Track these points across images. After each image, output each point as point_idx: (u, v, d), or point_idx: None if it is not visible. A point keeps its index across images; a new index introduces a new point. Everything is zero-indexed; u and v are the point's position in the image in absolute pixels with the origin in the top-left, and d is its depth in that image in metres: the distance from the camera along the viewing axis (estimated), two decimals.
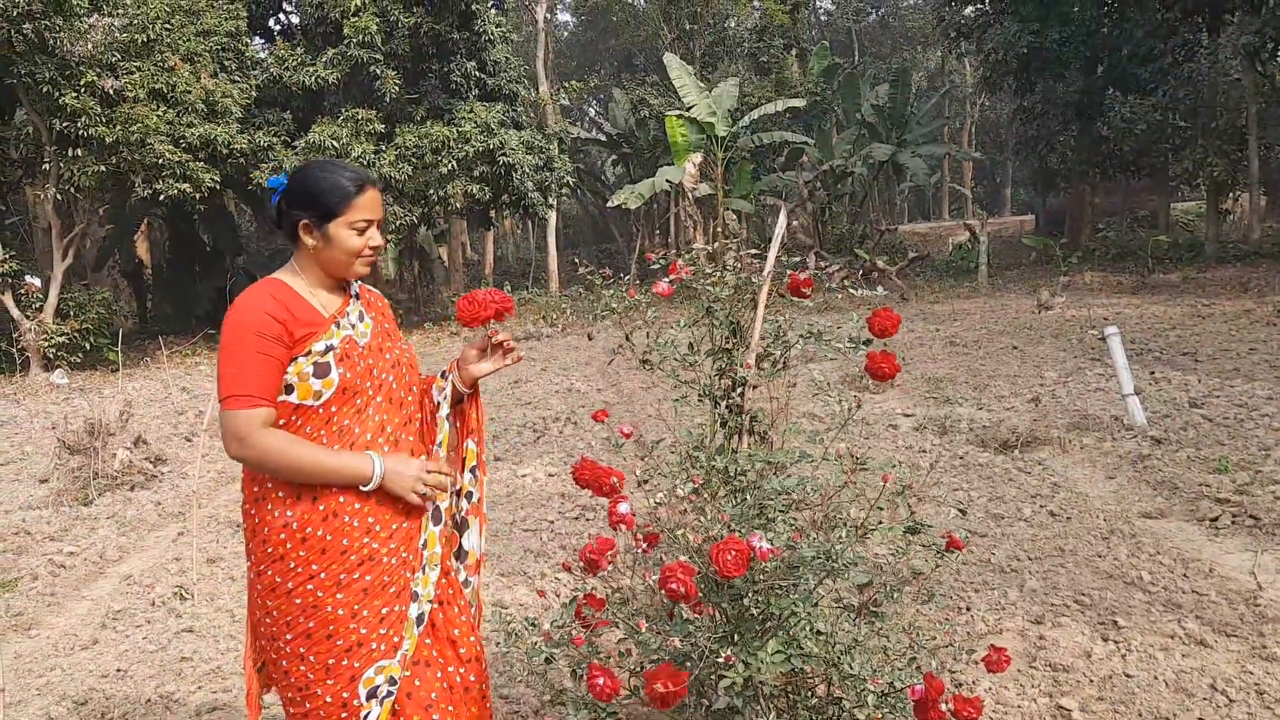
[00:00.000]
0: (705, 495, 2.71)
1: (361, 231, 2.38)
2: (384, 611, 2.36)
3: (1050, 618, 4.21)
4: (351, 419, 2.35)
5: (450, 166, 19.11)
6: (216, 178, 16.31)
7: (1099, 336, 8.28)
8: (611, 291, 2.99)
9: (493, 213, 25.30)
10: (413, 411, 2.55)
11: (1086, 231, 28.38)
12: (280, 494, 2.31)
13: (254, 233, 32.87)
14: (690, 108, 23.43)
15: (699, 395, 3.03)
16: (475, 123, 19.58)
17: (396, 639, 2.38)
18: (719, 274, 3.02)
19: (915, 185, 44.23)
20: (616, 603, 2.76)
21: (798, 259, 3.05)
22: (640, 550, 2.58)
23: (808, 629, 2.62)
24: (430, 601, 2.47)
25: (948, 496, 6.02)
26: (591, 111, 45.50)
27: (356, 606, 2.32)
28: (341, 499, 2.31)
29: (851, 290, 3.87)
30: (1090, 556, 4.93)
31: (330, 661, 2.31)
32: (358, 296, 2.49)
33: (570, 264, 28.56)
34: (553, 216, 27.89)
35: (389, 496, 2.37)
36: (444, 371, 2.67)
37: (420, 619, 2.43)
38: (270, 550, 2.31)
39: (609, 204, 27.66)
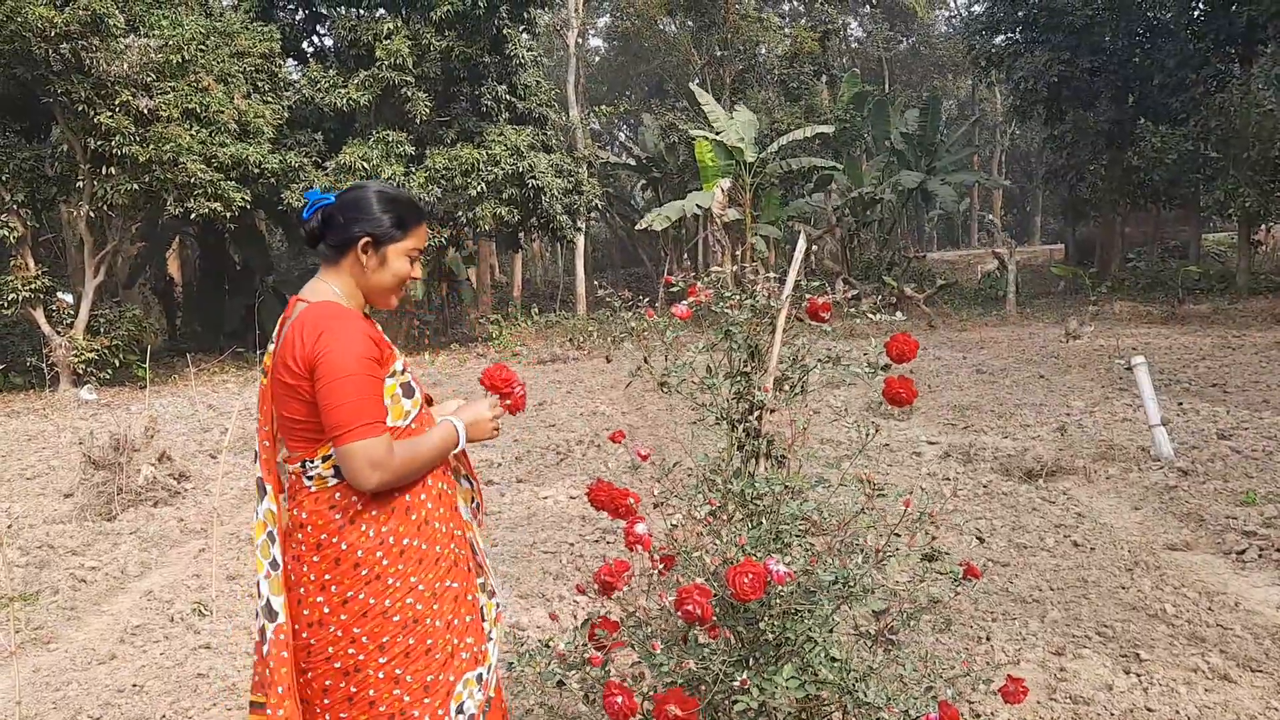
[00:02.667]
0: (722, 518, 2.71)
1: (414, 261, 2.39)
2: (468, 619, 2.39)
3: (1071, 649, 4.16)
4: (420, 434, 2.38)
5: (479, 189, 19.24)
6: (247, 197, 16.50)
7: (1126, 366, 8.21)
8: (630, 313, 3.00)
9: (521, 235, 25.43)
10: None
11: (1116, 261, 28.17)
12: (373, 512, 2.25)
13: (284, 252, 33.16)
14: (719, 133, 23.51)
15: (716, 418, 3.03)
16: (505, 146, 19.72)
17: (478, 646, 2.40)
18: (738, 298, 3.02)
19: (944, 213, 44.12)
20: (631, 625, 2.75)
21: (819, 283, 3.04)
22: (656, 572, 2.58)
23: (823, 655, 2.60)
24: (494, 604, 2.56)
25: (969, 524, 5.97)
26: (621, 136, 45.73)
27: (450, 616, 2.32)
28: (429, 505, 2.32)
29: (870, 315, 3.78)
30: (1113, 588, 4.87)
31: (429, 678, 2.27)
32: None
33: (598, 288, 28.67)
34: (581, 240, 27.95)
35: (453, 499, 2.42)
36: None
37: (493, 638, 2.49)
38: (365, 572, 2.22)
39: (637, 227, 27.77)
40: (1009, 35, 27.99)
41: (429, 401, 2.50)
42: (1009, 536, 5.79)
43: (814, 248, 25.98)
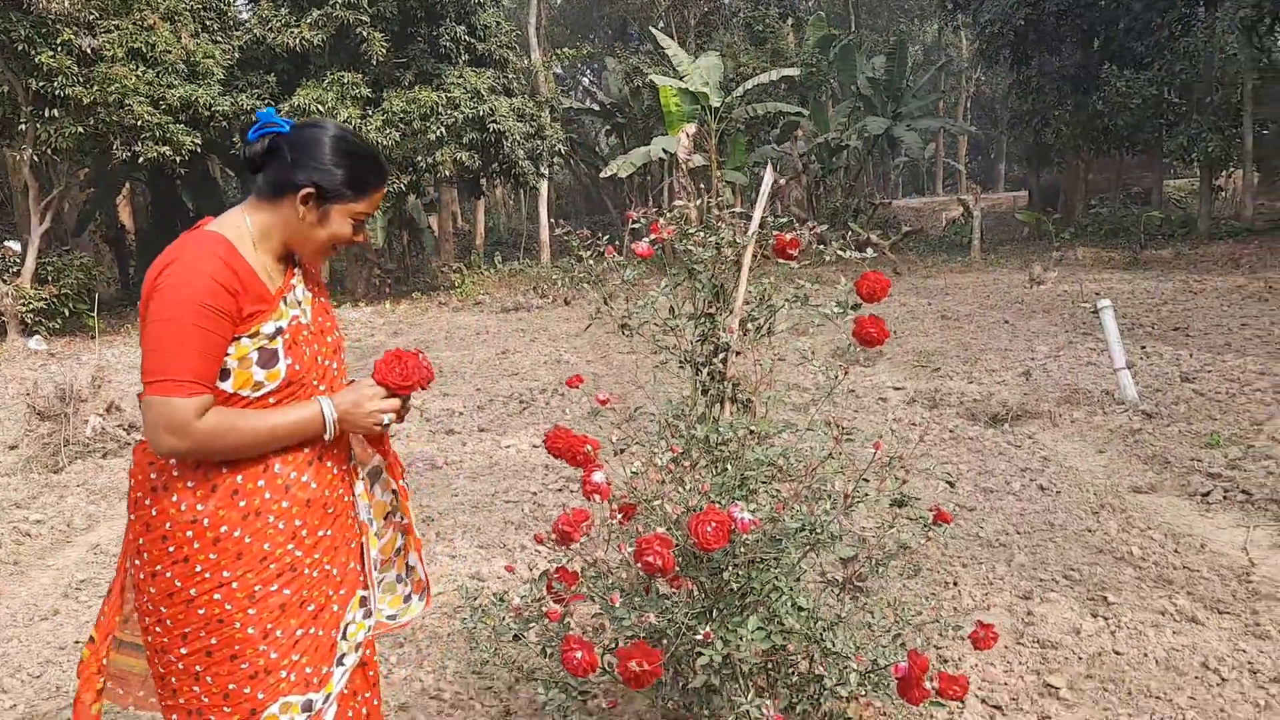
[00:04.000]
0: (684, 465, 2.59)
1: (357, 226, 2.10)
2: (299, 634, 2.01)
3: (1039, 593, 4.12)
4: None
5: (439, 133, 18.85)
6: (197, 141, 16.03)
7: (1092, 310, 8.17)
8: (589, 252, 2.86)
9: (483, 181, 25.04)
10: None
11: (1079, 207, 28.22)
12: (189, 483, 1.94)
13: (239, 199, 32.49)
14: (684, 77, 23.17)
15: (679, 361, 2.90)
16: (465, 89, 19.30)
17: (309, 670, 2.02)
18: (702, 235, 2.88)
19: (909, 160, 44.04)
20: (591, 577, 2.64)
21: (786, 220, 2.90)
22: (616, 522, 2.46)
23: (789, 604, 2.51)
24: (359, 648, 2.15)
25: (936, 469, 5.91)
26: (585, 81, 45.05)
27: (270, 626, 1.96)
28: (267, 495, 1.97)
29: (840, 252, 3.62)
30: (1080, 531, 4.84)
31: (231, 687, 1.95)
32: (299, 265, 2.14)
33: (559, 230, 28.39)
34: (544, 186, 27.59)
35: (319, 497, 2.05)
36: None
37: (344, 664, 2.11)
38: (172, 550, 1.93)
39: (602, 175, 27.44)
40: None
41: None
42: (975, 481, 5.75)
43: (780, 195, 25.79)
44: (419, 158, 19.23)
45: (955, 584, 4.29)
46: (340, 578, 2.12)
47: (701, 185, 23.69)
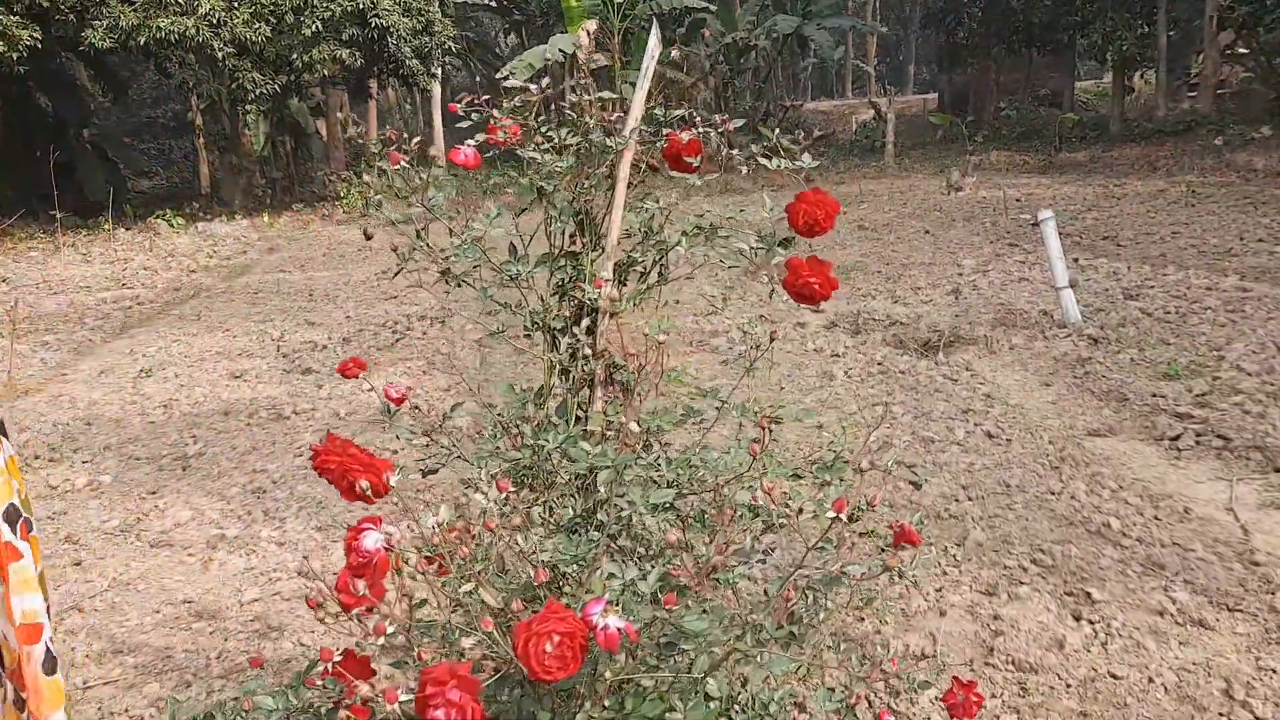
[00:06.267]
0: (522, 504, 1.65)
1: None
2: None
3: (1005, 586, 3.31)
4: None
5: (315, 28, 17.19)
6: (37, 35, 14.25)
7: (1032, 223, 7.38)
8: (382, 151, 1.86)
9: (371, 83, 23.34)
10: None
11: (990, 110, 27.62)
12: None
13: (108, 103, 30.00)
14: None
15: (526, 328, 1.94)
16: None
17: None
18: (557, 134, 1.90)
19: (819, 62, 42.90)
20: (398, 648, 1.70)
21: (683, 113, 1.93)
22: (405, 603, 1.52)
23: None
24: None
25: (892, 463, 5.07)
26: None
27: None
28: None
29: (763, 159, 2.78)
30: (1042, 494, 4.05)
31: None
32: None
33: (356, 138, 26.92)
34: (437, 88, 25.93)
35: None
36: None
37: None
38: None
39: (498, 76, 25.81)
40: None
41: None
42: (912, 427, 4.93)
43: (685, 98, 24.57)
44: (294, 56, 17.57)
45: (899, 576, 3.45)
46: None
47: (604, 88, 22.35)
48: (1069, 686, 2.76)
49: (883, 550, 2.20)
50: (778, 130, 1.95)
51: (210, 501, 4.58)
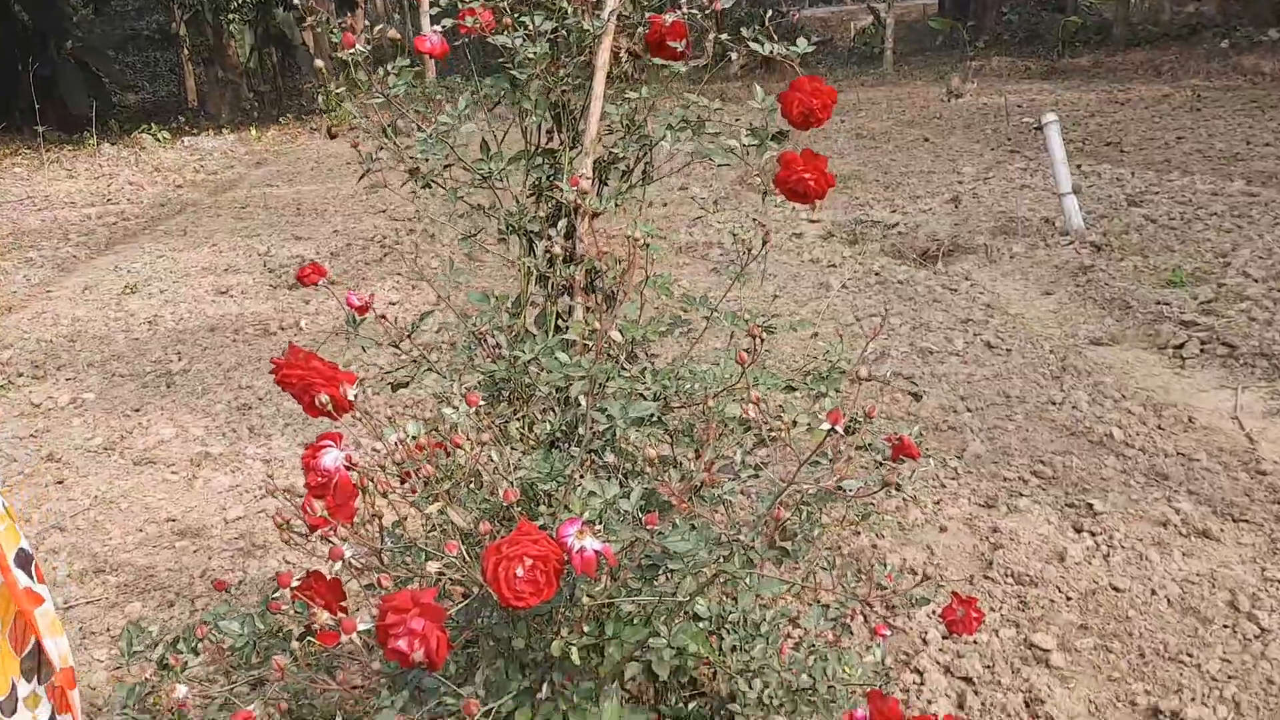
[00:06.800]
0: (498, 419, 1.54)
1: None
2: None
3: (1005, 499, 3.24)
4: None
5: None
6: None
7: (1035, 126, 7.18)
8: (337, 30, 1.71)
9: None
10: None
11: (992, 14, 26.95)
12: None
13: (90, 14, 29.23)
14: None
15: (500, 231, 1.81)
16: None
17: None
18: (530, 18, 1.75)
19: None
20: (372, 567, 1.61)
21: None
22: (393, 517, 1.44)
23: (685, 635, 1.52)
24: None
25: (890, 374, 4.96)
26: None
27: None
28: None
29: (755, 43, 2.49)
30: (1043, 404, 3.96)
31: None
32: None
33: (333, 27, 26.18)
34: None
35: None
36: None
37: None
38: None
39: None
40: None
41: None
42: (910, 338, 4.82)
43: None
44: None
45: (897, 488, 3.38)
46: None
47: None
48: (1070, 599, 2.70)
49: (880, 464, 2.12)
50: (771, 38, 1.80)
51: (195, 418, 4.49)
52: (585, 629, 1.30)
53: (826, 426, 1.30)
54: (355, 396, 1.42)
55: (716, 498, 1.38)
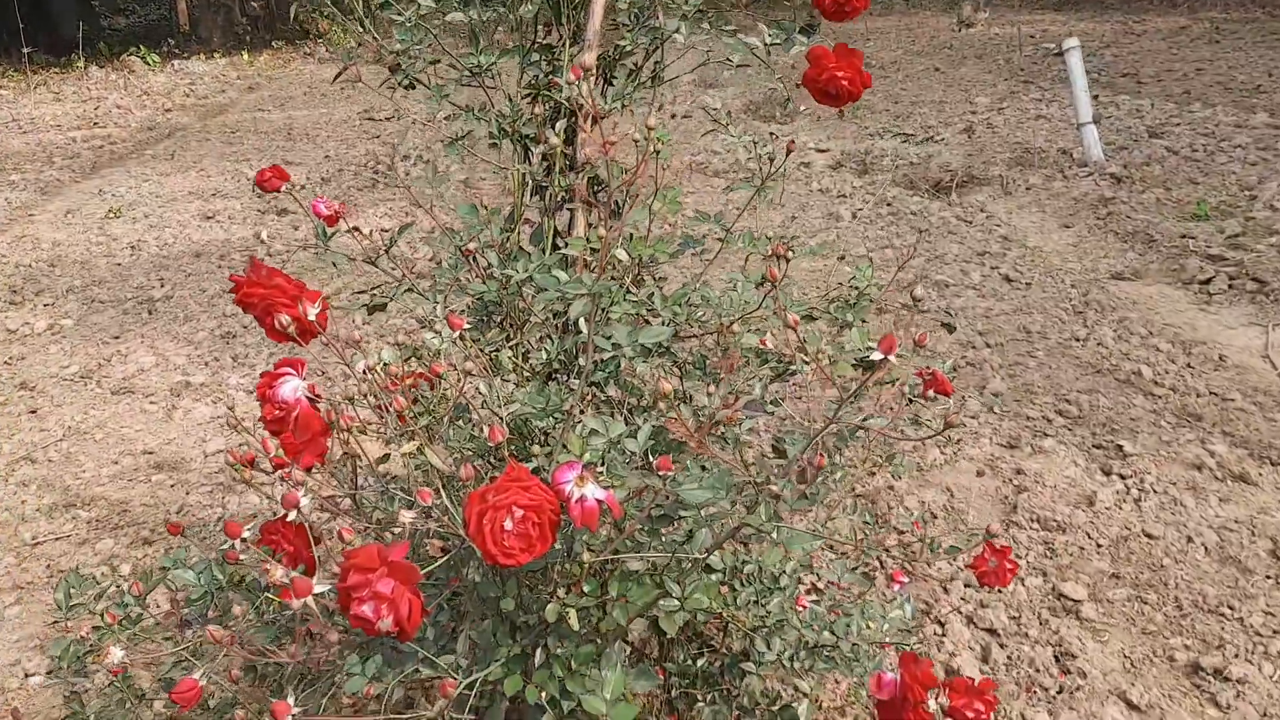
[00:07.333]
0: (488, 346, 1.35)
1: None
2: None
3: (1028, 439, 3.06)
4: None
5: None
6: None
7: (1055, 51, 6.89)
8: None
9: None
10: None
11: None
12: None
13: None
14: None
15: (491, 135, 1.60)
16: None
17: None
18: None
19: None
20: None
21: None
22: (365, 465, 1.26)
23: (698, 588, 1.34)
24: None
25: (874, 254, 4.75)
26: None
27: None
28: None
29: None
30: (1066, 340, 3.77)
31: None
32: None
33: None
34: None
35: None
36: None
37: None
38: None
39: None
40: None
41: None
42: (924, 271, 4.61)
43: None
44: None
45: (915, 422, 3.21)
46: None
47: None
48: (1100, 547, 2.54)
49: (910, 401, 1.96)
50: None
51: (176, 347, 4.30)
52: (585, 588, 1.12)
53: (877, 355, 1.10)
54: (316, 318, 1.22)
55: (736, 437, 1.19)
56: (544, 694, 1.16)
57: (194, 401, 3.77)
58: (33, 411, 3.75)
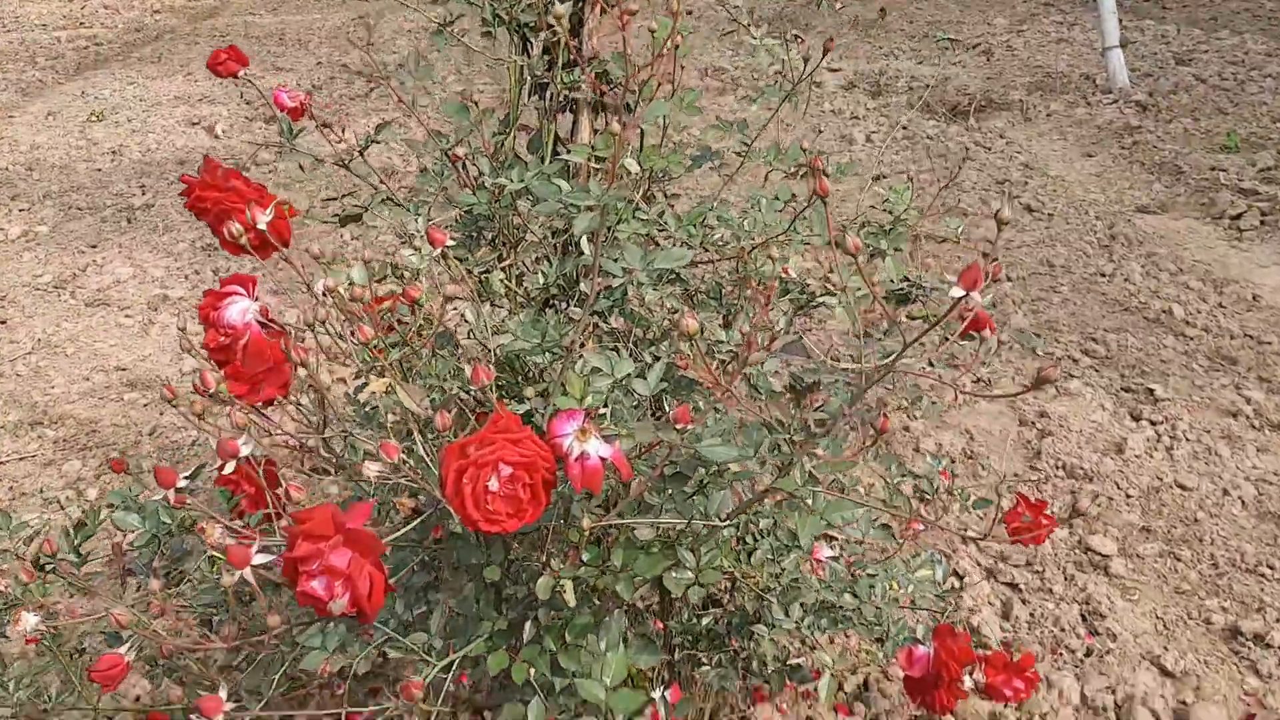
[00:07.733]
0: (469, 268, 1.16)
1: None
2: None
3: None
4: None
5: None
6: None
7: None
8: None
9: None
10: None
11: None
12: None
13: None
14: None
15: (485, 21, 1.39)
16: None
17: None
18: None
19: None
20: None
21: None
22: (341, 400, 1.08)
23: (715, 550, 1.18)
24: None
25: (897, 178, 4.53)
26: None
27: None
28: None
29: None
30: (1091, 276, 3.58)
31: None
32: None
33: None
34: None
35: None
36: None
37: None
38: None
39: None
40: None
41: None
42: (942, 198, 4.40)
43: None
44: None
45: (930, 363, 3.03)
46: None
47: None
48: (1130, 498, 2.38)
49: (945, 340, 1.77)
50: None
51: (155, 258, 4.09)
52: (584, 557, 0.95)
53: (957, 291, 0.91)
54: (273, 226, 1.03)
55: (769, 386, 1.01)
56: (532, 671, 1.00)
57: (171, 316, 3.58)
58: (2, 322, 3.57)
